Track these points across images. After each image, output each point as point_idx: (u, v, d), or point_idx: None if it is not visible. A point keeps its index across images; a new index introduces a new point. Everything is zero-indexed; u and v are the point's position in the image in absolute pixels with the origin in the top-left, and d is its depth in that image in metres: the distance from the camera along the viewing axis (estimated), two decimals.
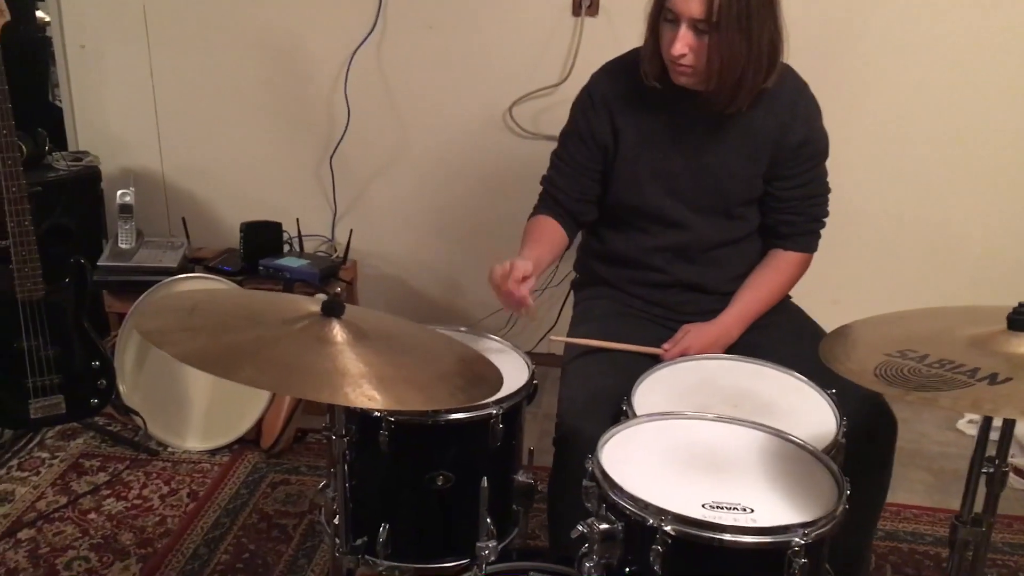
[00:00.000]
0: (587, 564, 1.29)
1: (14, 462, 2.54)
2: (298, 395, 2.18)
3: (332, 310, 1.37)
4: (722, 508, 1.25)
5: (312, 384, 1.22)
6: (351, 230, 2.98)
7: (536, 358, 2.36)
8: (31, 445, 2.62)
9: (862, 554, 1.88)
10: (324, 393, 1.21)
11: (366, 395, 1.21)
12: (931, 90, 2.77)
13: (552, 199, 1.97)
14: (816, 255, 2.01)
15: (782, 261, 1.96)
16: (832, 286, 2.91)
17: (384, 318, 1.56)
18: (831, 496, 1.29)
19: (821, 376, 1.58)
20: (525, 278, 1.69)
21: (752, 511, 1.25)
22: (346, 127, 2.98)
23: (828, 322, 2.03)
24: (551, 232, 1.93)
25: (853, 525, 1.46)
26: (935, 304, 2.85)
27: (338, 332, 1.33)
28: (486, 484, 1.43)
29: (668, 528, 1.21)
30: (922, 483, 2.62)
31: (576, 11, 2.79)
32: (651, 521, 1.22)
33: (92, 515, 2.33)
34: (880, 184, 2.87)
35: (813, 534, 1.21)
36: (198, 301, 1.44)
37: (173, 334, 1.27)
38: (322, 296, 1.47)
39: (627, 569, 1.28)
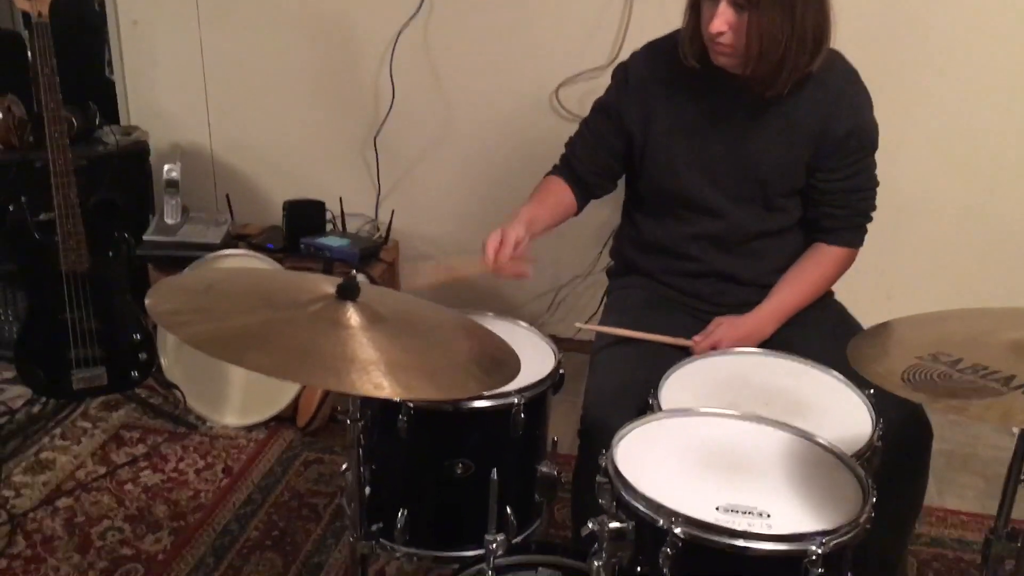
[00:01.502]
0: (596, 563, 1.25)
1: (57, 431, 2.59)
2: (302, 382, 2.17)
3: (347, 293, 1.35)
4: (737, 512, 1.20)
5: (318, 370, 1.20)
6: (392, 211, 2.97)
7: (574, 344, 2.34)
8: (74, 415, 2.66)
9: (896, 564, 1.80)
10: (329, 380, 1.19)
11: (373, 383, 1.19)
12: (1000, 77, 2.62)
13: (568, 165, 1.96)
14: (872, 249, 1.93)
15: (824, 256, 1.88)
16: (887, 281, 2.80)
17: (404, 300, 1.54)
18: (855, 503, 1.23)
19: (859, 376, 1.51)
20: (518, 243, 1.68)
21: (769, 516, 1.19)
22: (391, 106, 2.95)
23: (880, 319, 1.95)
24: (559, 194, 1.92)
25: (886, 533, 1.40)
26: (997, 302, 2.77)
27: (352, 316, 1.31)
28: (496, 476, 1.40)
29: (678, 531, 1.16)
30: (973, 489, 2.51)
31: None
32: (661, 523, 1.18)
33: (129, 486, 2.36)
34: (943, 176, 2.74)
35: (832, 543, 1.15)
36: (214, 281, 1.43)
37: (184, 315, 1.27)
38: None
39: (638, 569, 1.24)
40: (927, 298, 2.84)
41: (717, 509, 1.20)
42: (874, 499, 1.23)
